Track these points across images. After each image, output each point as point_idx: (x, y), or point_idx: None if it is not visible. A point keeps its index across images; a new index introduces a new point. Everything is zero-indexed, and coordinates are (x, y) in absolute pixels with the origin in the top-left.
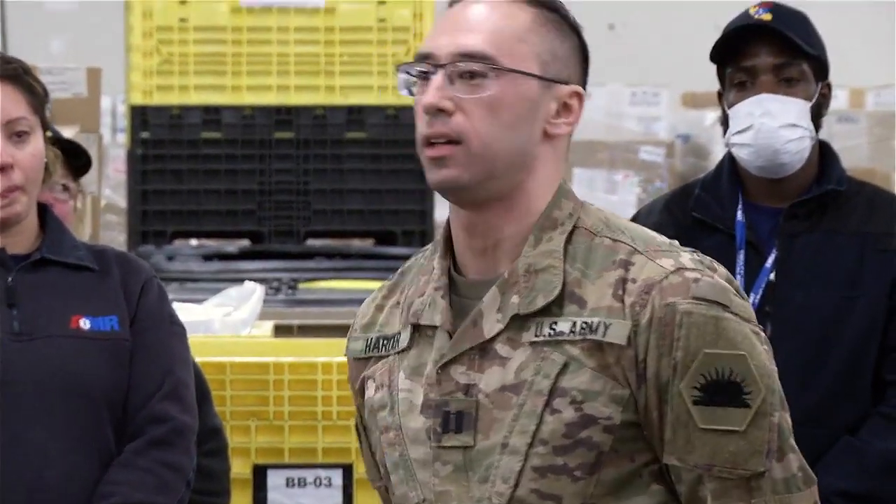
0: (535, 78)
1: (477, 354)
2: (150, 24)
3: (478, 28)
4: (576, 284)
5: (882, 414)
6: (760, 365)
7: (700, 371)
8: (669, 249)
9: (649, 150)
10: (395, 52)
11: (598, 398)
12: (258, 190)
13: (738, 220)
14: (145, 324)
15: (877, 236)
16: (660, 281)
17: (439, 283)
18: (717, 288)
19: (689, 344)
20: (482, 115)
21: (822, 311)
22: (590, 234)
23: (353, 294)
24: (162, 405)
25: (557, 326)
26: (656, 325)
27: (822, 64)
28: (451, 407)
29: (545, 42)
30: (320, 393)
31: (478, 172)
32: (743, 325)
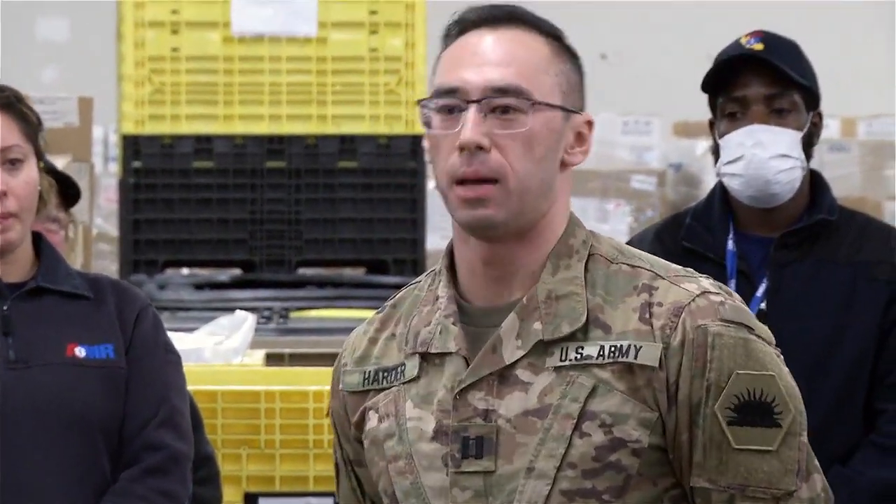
0: (560, 110)
1: (496, 380)
2: (143, 53)
3: (505, 61)
4: (598, 310)
5: (873, 443)
6: (789, 385)
7: (733, 392)
8: (689, 275)
9: (641, 179)
10: (386, 81)
11: (628, 421)
12: (250, 219)
13: (729, 250)
14: (140, 352)
15: (868, 265)
16: (688, 304)
17: (448, 310)
18: (742, 311)
19: (721, 365)
20: (519, 150)
21: (813, 340)
22: (606, 262)
23: (345, 323)
24: (157, 433)
25: (584, 351)
26: (688, 347)
27: (813, 94)
28: (470, 432)
29: (563, 72)
30: (312, 421)
31: (513, 209)
32: (767, 347)
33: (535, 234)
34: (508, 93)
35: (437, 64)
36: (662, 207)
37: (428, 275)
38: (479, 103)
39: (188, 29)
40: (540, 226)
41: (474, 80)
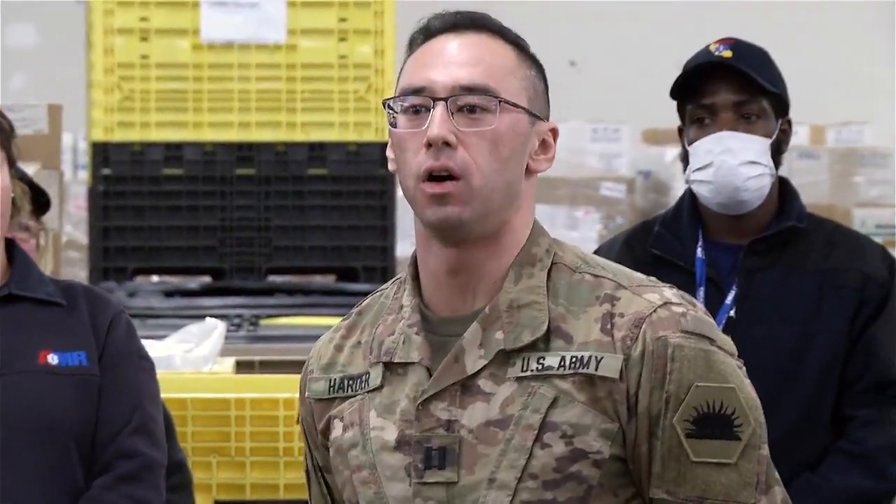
0: (527, 113)
1: (458, 390)
2: (112, 60)
3: (472, 62)
4: (560, 320)
5: (842, 449)
6: (749, 398)
7: (692, 404)
8: (652, 284)
9: (610, 186)
10: (356, 88)
11: (589, 432)
12: (219, 226)
13: (698, 257)
14: (114, 359)
15: (836, 273)
16: (649, 315)
17: (412, 320)
18: (704, 322)
19: (681, 377)
20: (484, 149)
21: (782, 347)
22: (569, 271)
23: (315, 330)
24: (131, 440)
25: (545, 361)
26: (648, 358)
27: (782, 101)
28: (432, 443)
29: (528, 78)
30: (282, 429)
31: (477, 209)
32: (729, 358)
33: (499, 240)
34: (475, 91)
35: (401, 70)
36: (632, 214)
37: (394, 282)
38: (447, 101)
39: (157, 36)
40: (503, 232)
41: (441, 78)
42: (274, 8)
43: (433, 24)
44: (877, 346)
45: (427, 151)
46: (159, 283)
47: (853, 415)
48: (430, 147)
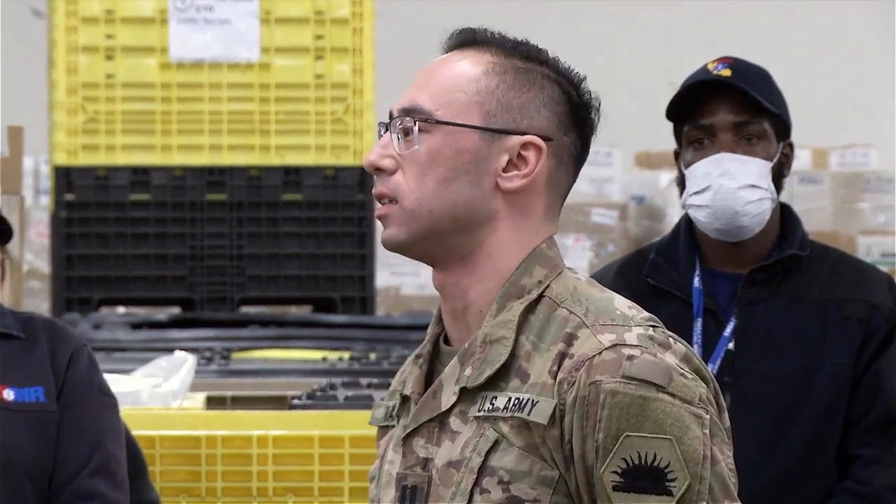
0: (471, 129)
1: (436, 427)
2: (75, 80)
3: (423, 82)
4: (525, 357)
5: (847, 490)
6: (689, 450)
7: (621, 455)
8: (620, 324)
9: (601, 212)
10: (333, 109)
11: (525, 479)
12: (189, 255)
13: (695, 287)
14: (74, 395)
15: (840, 304)
16: (591, 357)
17: (422, 350)
18: (658, 368)
19: (610, 426)
20: (415, 171)
21: (783, 382)
22: (552, 304)
23: (290, 364)
24: (90, 481)
25: (496, 401)
26: (580, 404)
27: (783, 122)
28: (408, 481)
29: (494, 92)
30: (255, 468)
31: (416, 230)
32: (679, 407)
33: (472, 263)
34: (410, 113)
35: None
36: (624, 242)
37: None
38: (390, 125)
39: (124, 54)
40: (476, 255)
41: (397, 103)
42: (246, 25)
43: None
44: (883, 381)
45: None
46: (126, 314)
47: (858, 453)
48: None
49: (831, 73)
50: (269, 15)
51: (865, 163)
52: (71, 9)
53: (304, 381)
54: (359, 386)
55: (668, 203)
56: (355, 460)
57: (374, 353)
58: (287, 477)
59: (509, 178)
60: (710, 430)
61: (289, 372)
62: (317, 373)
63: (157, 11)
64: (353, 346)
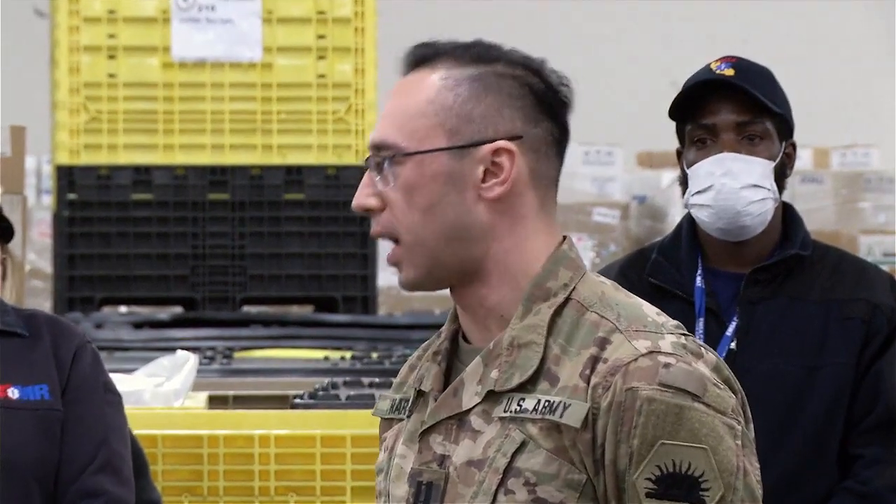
0: (439, 151)
1: (455, 424)
2: (77, 79)
3: (388, 113)
4: (554, 361)
5: (848, 489)
6: (723, 461)
7: (656, 462)
8: (653, 331)
9: (603, 212)
10: (335, 109)
11: (552, 482)
12: (191, 254)
13: (698, 286)
14: (78, 393)
15: (842, 303)
16: (627, 363)
17: (440, 347)
18: (693, 376)
19: (646, 433)
20: (401, 206)
21: (784, 381)
22: (581, 308)
23: (292, 363)
24: (95, 478)
25: (524, 403)
26: (615, 409)
27: (786, 122)
28: (423, 477)
29: (451, 108)
30: (257, 467)
31: (423, 264)
32: (713, 417)
33: (485, 276)
34: (381, 149)
35: None
36: (626, 242)
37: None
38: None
39: (126, 54)
40: (486, 267)
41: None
42: (249, 24)
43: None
44: (884, 381)
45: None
46: (128, 313)
47: (860, 453)
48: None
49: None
50: (271, 14)
51: (867, 162)
52: (73, 8)
53: (305, 381)
54: (361, 385)
55: (670, 202)
56: (357, 459)
57: (376, 352)
58: (289, 476)
59: (489, 187)
60: (742, 442)
61: (291, 371)
62: (318, 372)
63: (160, 11)
64: (355, 345)
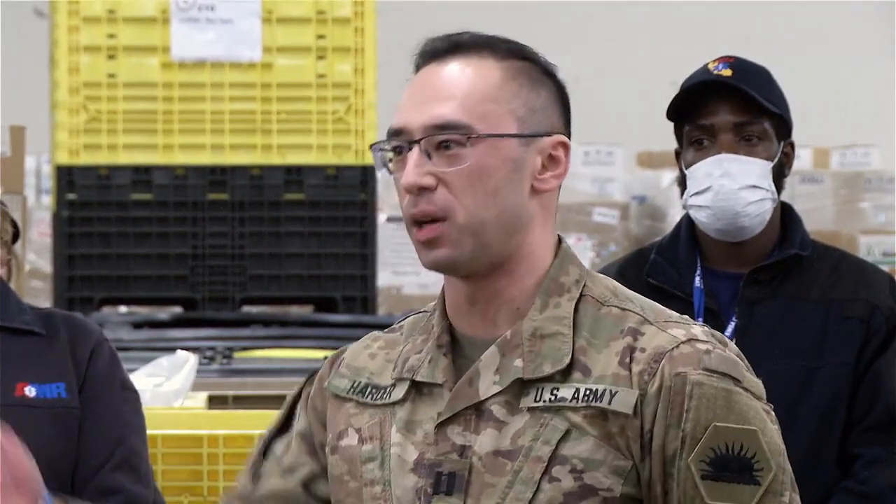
0: (514, 137)
1: (473, 415)
2: (77, 79)
3: (448, 95)
4: (581, 353)
5: (847, 489)
6: (772, 442)
7: (710, 445)
8: (680, 321)
9: (603, 212)
10: (335, 109)
11: (600, 468)
12: (191, 254)
13: (697, 287)
14: (95, 390)
15: (841, 303)
16: (670, 350)
17: (441, 340)
18: (730, 361)
19: (699, 416)
20: (465, 186)
21: (784, 381)
22: (597, 304)
23: (292, 363)
24: (113, 476)
25: (559, 392)
26: (665, 394)
27: (784, 122)
28: (443, 468)
29: (519, 97)
30: None
31: (469, 246)
32: (754, 401)
33: (513, 266)
34: (447, 129)
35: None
36: (626, 242)
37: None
38: (420, 143)
39: (125, 54)
40: (517, 257)
41: (417, 119)
42: (249, 24)
43: (425, 49)
44: (884, 381)
45: (409, 197)
46: (127, 314)
47: (859, 453)
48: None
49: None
50: (270, 14)
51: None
52: (73, 8)
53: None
54: None
55: (670, 203)
56: None
57: None
58: None
59: (545, 179)
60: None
61: (291, 371)
62: None
63: (159, 11)
64: None
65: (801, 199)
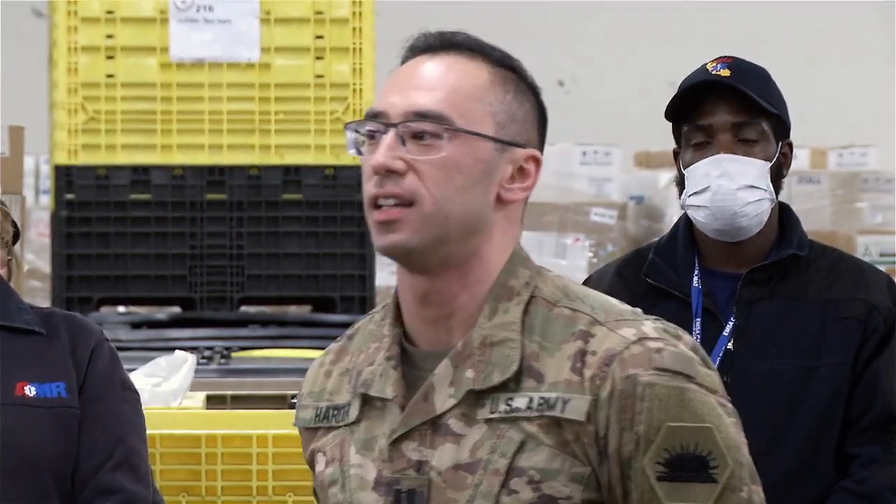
0: (491, 140)
1: (429, 430)
2: (76, 79)
3: (433, 86)
4: (533, 358)
5: (845, 489)
6: (727, 437)
7: (664, 446)
8: (632, 318)
9: (601, 212)
10: (333, 109)
11: (558, 477)
12: (189, 254)
13: (695, 287)
14: (95, 390)
15: (839, 303)
16: (620, 352)
17: (391, 352)
18: (682, 358)
19: (651, 417)
20: (436, 177)
21: (782, 381)
22: (548, 305)
23: (290, 363)
24: (112, 475)
25: (513, 402)
26: (617, 398)
27: (782, 122)
28: (402, 485)
29: (503, 103)
30: (255, 467)
31: (428, 236)
32: (709, 396)
33: (467, 270)
34: (428, 117)
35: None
36: (623, 242)
37: (383, 307)
38: (397, 127)
39: (124, 54)
40: (472, 262)
41: (399, 103)
42: (247, 24)
43: (417, 43)
44: (881, 381)
45: (375, 178)
46: (126, 313)
47: (857, 453)
48: (377, 174)
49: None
50: (269, 15)
51: (864, 163)
52: (71, 8)
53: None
54: None
55: (668, 203)
56: None
57: None
58: (287, 476)
59: (512, 189)
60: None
61: (289, 371)
62: None
63: (158, 11)
64: None
65: (798, 199)
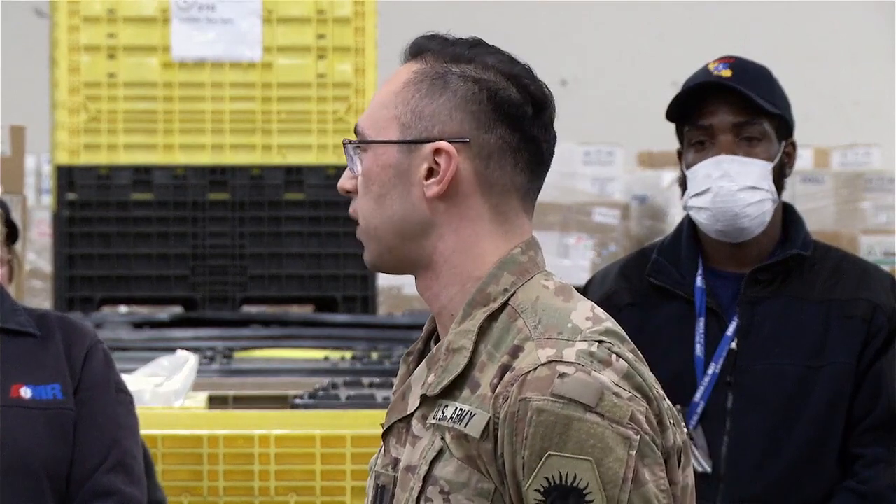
0: (390, 143)
1: (405, 428)
2: (77, 79)
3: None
4: (480, 367)
5: (849, 489)
6: (608, 473)
7: (544, 473)
8: (565, 338)
9: (604, 211)
10: (335, 108)
11: (463, 490)
12: (191, 254)
13: (698, 286)
14: (90, 392)
15: (842, 303)
16: (526, 373)
17: (413, 347)
18: (589, 387)
19: (534, 444)
20: (361, 191)
21: (785, 381)
22: (514, 314)
23: (292, 364)
24: (107, 477)
25: (446, 411)
26: (510, 420)
27: (785, 122)
28: (381, 480)
29: (409, 103)
30: (257, 467)
31: (374, 249)
32: (605, 428)
33: (436, 271)
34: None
35: None
36: (626, 242)
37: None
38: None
39: (126, 53)
40: (435, 263)
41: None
42: (249, 24)
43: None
44: (885, 380)
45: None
46: (128, 313)
47: (860, 453)
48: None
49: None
50: (271, 14)
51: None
52: (73, 8)
53: (305, 381)
54: (360, 385)
55: (670, 203)
56: (357, 459)
57: (376, 352)
58: (289, 476)
59: (429, 185)
60: (641, 451)
61: (291, 371)
62: (318, 372)
63: (160, 10)
64: (355, 345)
65: (801, 199)
